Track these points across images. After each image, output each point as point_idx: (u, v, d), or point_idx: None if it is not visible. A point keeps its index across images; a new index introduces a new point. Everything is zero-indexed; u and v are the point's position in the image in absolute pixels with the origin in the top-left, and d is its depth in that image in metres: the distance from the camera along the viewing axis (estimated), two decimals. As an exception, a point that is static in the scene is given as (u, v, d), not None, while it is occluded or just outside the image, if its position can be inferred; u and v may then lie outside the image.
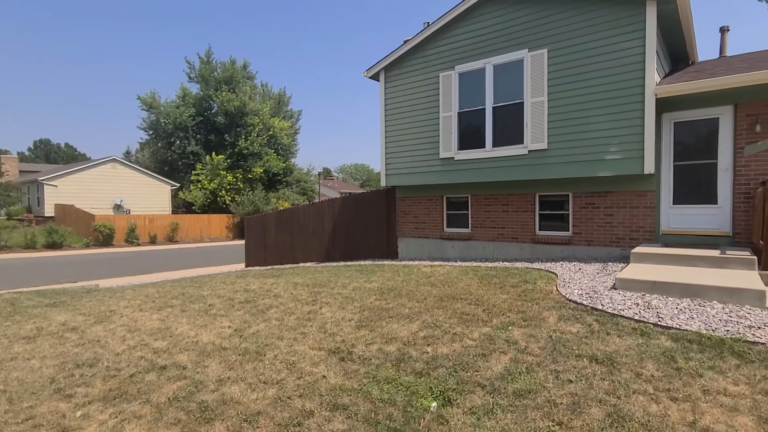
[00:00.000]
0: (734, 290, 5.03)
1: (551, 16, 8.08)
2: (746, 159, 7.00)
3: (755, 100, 6.88)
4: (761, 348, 3.73)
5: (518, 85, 8.47)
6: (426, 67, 9.81)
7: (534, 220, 9.05)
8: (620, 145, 7.42)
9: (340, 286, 7.37)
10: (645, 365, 3.62)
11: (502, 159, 8.73)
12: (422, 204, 10.72)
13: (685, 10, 7.26)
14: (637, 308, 4.98)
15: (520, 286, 6.31)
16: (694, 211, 7.58)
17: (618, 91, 7.41)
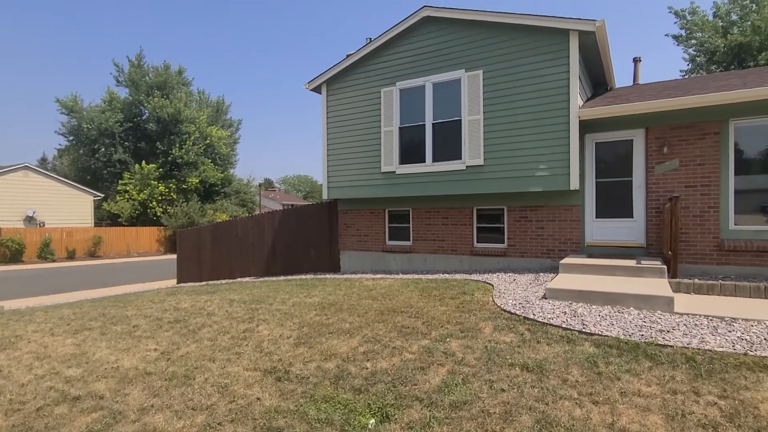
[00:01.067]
0: (648, 297, 5.49)
1: (486, 40, 8.52)
2: (656, 177, 7.73)
3: (662, 125, 7.65)
4: (670, 350, 4.08)
5: (456, 103, 8.82)
6: (368, 81, 9.94)
7: (472, 233, 9.38)
8: (549, 162, 7.92)
9: (279, 302, 7.15)
10: (571, 371, 3.83)
11: (441, 174, 8.99)
12: (364, 217, 10.74)
13: (603, 40, 7.96)
14: (565, 316, 5.28)
15: (458, 298, 6.46)
16: (613, 225, 8.22)
17: (546, 113, 7.94)
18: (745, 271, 6.96)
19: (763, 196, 7.21)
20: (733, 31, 20.08)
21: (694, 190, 7.40)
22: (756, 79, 7.88)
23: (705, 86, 8.10)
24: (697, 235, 7.35)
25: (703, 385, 3.42)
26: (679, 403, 3.21)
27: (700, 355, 3.94)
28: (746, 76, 8.77)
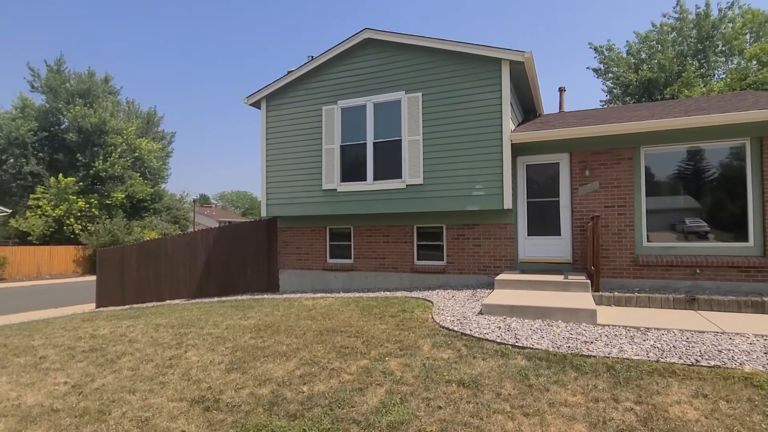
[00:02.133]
0: (574, 311, 5.82)
1: (425, 64, 8.85)
2: (580, 198, 8.32)
3: (584, 150, 8.30)
4: (593, 360, 4.33)
5: (397, 124, 9.01)
6: (309, 99, 9.91)
7: (413, 251, 9.51)
8: (484, 182, 8.28)
9: (211, 325, 6.75)
10: (504, 385, 3.93)
11: (382, 192, 9.08)
12: (305, 235, 10.55)
13: (531, 70, 8.56)
14: (500, 331, 5.45)
15: (398, 316, 6.47)
16: (544, 242, 8.70)
17: (481, 135, 8.33)
18: (656, 284, 7.63)
19: (671, 215, 8.00)
20: (643, 67, 22.49)
21: (612, 210, 8.04)
22: (662, 111, 8.83)
23: (620, 116, 8.92)
24: (616, 252, 7.97)
25: (622, 392, 3.65)
26: (600, 410, 3.40)
27: (619, 363, 4.21)
28: (654, 108, 9.80)
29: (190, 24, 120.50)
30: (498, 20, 76.48)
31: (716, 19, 21.95)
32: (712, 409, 3.29)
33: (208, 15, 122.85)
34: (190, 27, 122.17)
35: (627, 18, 41.04)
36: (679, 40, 22.68)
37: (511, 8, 71.53)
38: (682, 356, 4.34)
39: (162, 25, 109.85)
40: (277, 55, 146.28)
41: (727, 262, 7.27)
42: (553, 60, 48.40)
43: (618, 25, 43.84)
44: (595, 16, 43.39)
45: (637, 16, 40.87)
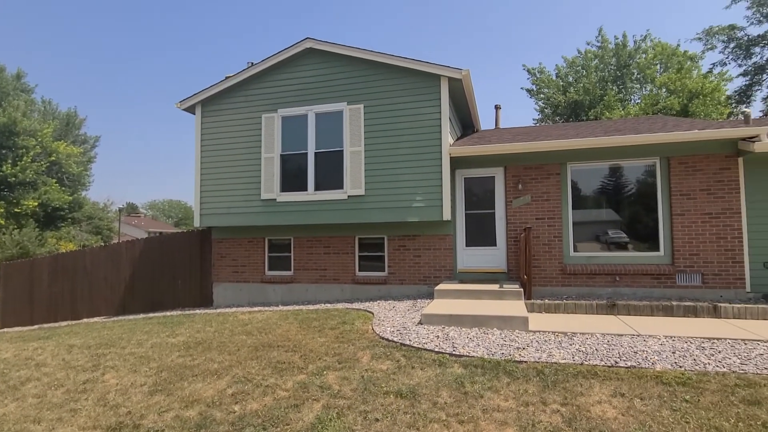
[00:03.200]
0: (508, 318, 6.05)
1: (367, 76, 8.93)
2: (514, 210, 8.73)
3: (517, 165, 8.74)
4: (524, 366, 4.51)
5: (339, 134, 8.99)
6: (248, 106, 9.62)
7: (354, 262, 9.45)
8: (424, 194, 8.45)
9: (134, 344, 6.25)
10: (441, 394, 3.97)
11: (323, 203, 8.98)
12: (242, 246, 10.14)
13: (469, 87, 8.93)
14: (438, 340, 5.52)
15: (338, 328, 6.37)
16: (481, 252, 9.00)
17: (422, 148, 8.52)
18: (582, 291, 8.14)
19: (595, 227, 8.61)
20: (570, 90, 24.29)
21: (542, 222, 8.51)
22: (585, 131, 9.54)
23: (549, 134, 9.52)
24: (546, 261, 8.42)
25: (550, 395, 3.81)
26: (530, 414, 3.52)
27: (548, 367, 4.41)
28: (579, 128, 10.57)
29: (120, 24, 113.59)
30: (439, 42, 79.95)
31: (632, 49, 24.30)
32: (628, 407, 3.52)
33: (143, 16, 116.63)
34: (121, 27, 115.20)
35: (557, 43, 44.63)
36: (601, 66, 24.81)
37: (452, 30, 75.04)
38: (604, 358, 4.64)
39: (91, 24, 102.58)
40: (213, 58, 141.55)
41: (643, 270, 7.92)
42: (491, 79, 51.51)
43: (549, 50, 47.52)
44: (530, 40, 46.67)
45: (566, 42, 44.52)
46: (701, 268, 7.71)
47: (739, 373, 4.06)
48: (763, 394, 3.61)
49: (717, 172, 7.76)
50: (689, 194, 7.85)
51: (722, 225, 7.67)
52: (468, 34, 50.82)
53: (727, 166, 7.72)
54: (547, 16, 45.94)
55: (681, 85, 20.70)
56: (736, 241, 7.60)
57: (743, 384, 3.81)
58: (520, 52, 44.29)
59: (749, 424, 3.18)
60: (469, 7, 47.78)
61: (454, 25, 50.68)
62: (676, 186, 7.91)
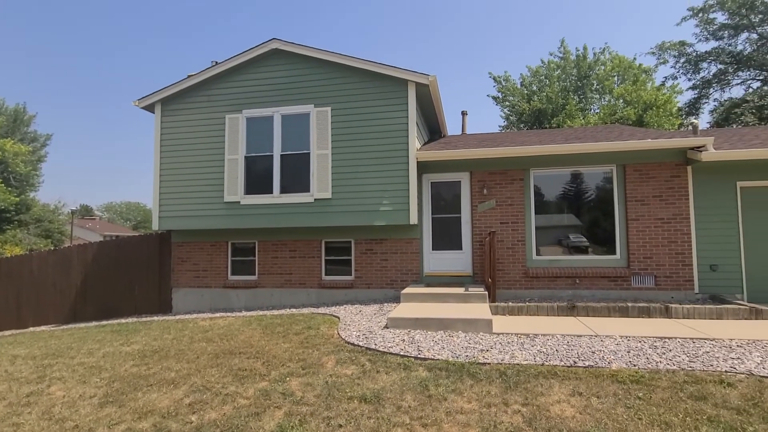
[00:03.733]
0: (472, 321, 6.12)
1: (335, 79, 8.89)
2: (479, 214, 8.88)
3: (482, 170, 8.90)
4: (488, 368, 4.56)
5: (305, 137, 8.88)
6: (211, 106, 9.37)
7: (321, 266, 9.34)
8: (391, 198, 8.47)
9: (84, 354, 5.92)
10: (405, 397, 3.96)
11: (289, 206, 8.83)
12: (204, 250, 9.82)
13: (436, 93, 9.03)
14: (404, 344, 5.52)
15: (303, 333, 6.27)
16: (447, 256, 9.08)
17: (389, 152, 8.54)
18: (544, 293, 8.36)
19: (557, 231, 8.87)
20: (534, 98, 25.05)
21: (507, 226, 8.69)
22: (547, 138, 9.83)
23: (513, 141, 9.77)
24: (510, 264, 8.60)
25: (512, 396, 3.87)
26: (492, 415, 3.56)
27: (510, 369, 4.48)
28: (541, 135, 10.90)
29: (77, 21, 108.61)
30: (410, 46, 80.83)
31: (592, 61, 25.36)
32: (586, 406, 3.62)
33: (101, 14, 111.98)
34: (78, 24, 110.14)
35: (522, 52, 46.08)
36: (563, 76, 25.75)
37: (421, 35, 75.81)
38: (563, 359, 4.76)
39: (45, 21, 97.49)
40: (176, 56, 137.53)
41: (601, 273, 8.22)
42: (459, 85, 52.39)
43: (515, 58, 48.95)
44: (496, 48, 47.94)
45: (530, 52, 46.06)
46: (654, 270, 8.07)
47: (688, 371, 4.26)
48: (708, 390, 3.79)
49: (668, 179, 8.16)
50: (643, 200, 8.22)
51: (673, 230, 8.07)
52: (436, 41, 51.77)
53: (677, 173, 8.14)
54: (513, 27, 47.53)
55: (636, 97, 21.76)
56: (685, 245, 8.01)
57: (691, 381, 4.00)
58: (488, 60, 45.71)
59: (696, 418, 3.33)
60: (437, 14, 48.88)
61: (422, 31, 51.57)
62: (631, 192, 8.27)
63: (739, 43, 19.29)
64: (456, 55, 52.28)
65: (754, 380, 3.98)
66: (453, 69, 72.44)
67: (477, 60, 46.06)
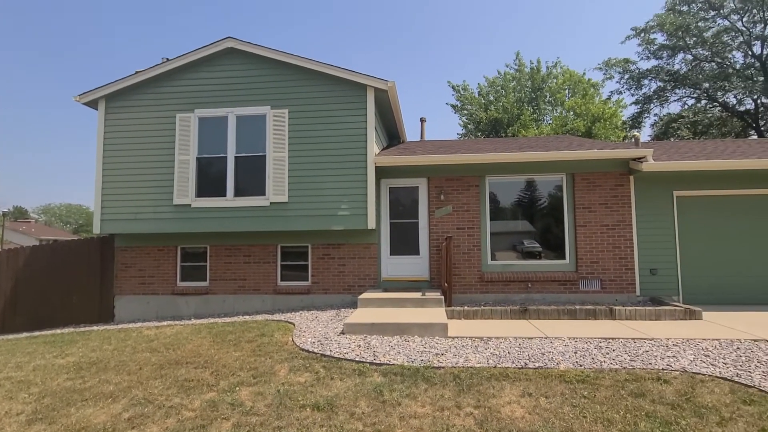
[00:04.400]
0: (428, 325, 6.15)
1: (293, 81, 8.75)
2: (436, 220, 8.98)
3: (440, 176, 9.02)
4: (442, 371, 4.59)
5: (261, 139, 8.67)
6: (161, 104, 8.96)
7: (276, 271, 9.11)
8: (349, 203, 8.41)
9: (12, 368, 5.45)
10: (359, 403, 3.90)
11: (244, 209, 8.57)
12: (150, 255, 9.33)
13: (395, 99, 9.09)
14: (359, 350, 5.46)
15: (256, 341, 6.08)
16: (405, 261, 9.12)
17: (347, 156, 8.49)
18: (499, 297, 8.56)
19: (510, 237, 9.12)
20: (491, 108, 25.83)
21: (463, 232, 8.84)
22: (502, 146, 10.14)
23: (469, 148, 9.98)
24: (466, 269, 8.75)
25: (464, 399, 3.90)
26: (445, 418, 3.57)
27: (464, 372, 4.53)
28: (496, 143, 11.22)
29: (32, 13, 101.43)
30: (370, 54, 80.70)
31: (545, 74, 26.51)
32: (535, 406, 3.70)
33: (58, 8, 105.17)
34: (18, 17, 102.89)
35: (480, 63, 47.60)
36: (518, 88, 26.73)
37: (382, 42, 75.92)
38: (515, 361, 4.87)
39: None
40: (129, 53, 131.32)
41: (551, 277, 8.52)
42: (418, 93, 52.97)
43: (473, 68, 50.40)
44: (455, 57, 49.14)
45: (488, 62, 47.70)
46: (600, 274, 8.47)
47: (629, 369, 4.47)
48: (647, 387, 3.99)
49: (613, 188, 8.61)
50: (590, 207, 8.62)
51: (617, 236, 8.51)
52: (397, 48, 52.26)
53: (621, 183, 8.60)
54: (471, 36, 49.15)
55: (585, 110, 22.93)
56: (628, 250, 8.46)
57: (631, 378, 4.20)
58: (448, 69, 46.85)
59: (635, 414, 3.49)
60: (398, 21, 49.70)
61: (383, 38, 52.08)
62: (579, 200, 8.65)
63: (676, 63, 20.83)
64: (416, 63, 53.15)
65: (687, 377, 4.23)
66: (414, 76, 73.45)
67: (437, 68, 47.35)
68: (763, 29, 18.06)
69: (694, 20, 19.22)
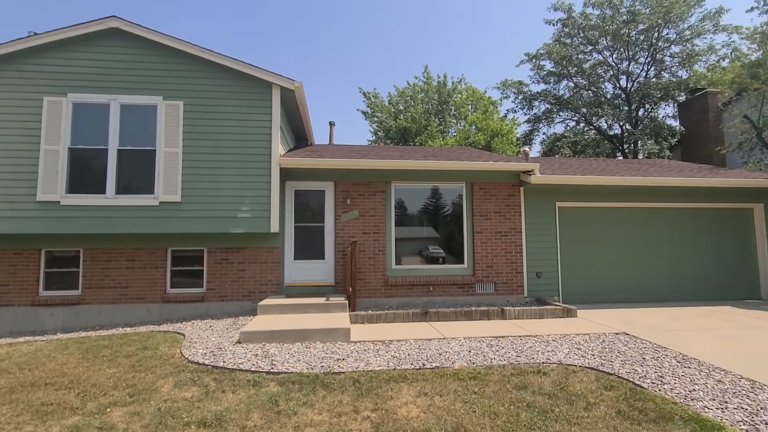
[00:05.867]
0: (331, 330, 6.05)
1: (191, 72, 8.10)
2: (342, 224, 8.92)
3: (347, 180, 8.99)
4: (342, 377, 4.51)
5: (151, 131, 7.85)
6: (24, 84, 7.67)
7: (165, 278, 8.29)
8: (251, 204, 7.98)
9: None
10: (251, 416, 3.65)
11: (128, 209, 7.67)
12: (4, 259, 7.89)
13: (302, 100, 8.89)
14: (256, 359, 5.17)
15: (136, 355, 5.46)
16: (309, 266, 8.89)
17: (250, 156, 8.06)
18: (402, 301, 8.74)
19: (415, 242, 9.38)
20: (400, 117, 26.62)
21: (369, 236, 8.89)
22: (408, 154, 10.44)
23: (377, 154, 10.12)
24: (371, 274, 8.80)
25: (362, 403, 3.86)
26: (342, 424, 3.49)
27: (364, 376, 4.50)
28: (403, 151, 11.53)
29: None
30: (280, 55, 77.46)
31: (450, 89, 28.09)
32: (429, 405, 3.79)
33: None
34: None
35: (396, 73, 49.19)
36: (426, 99, 27.95)
37: (292, 43, 73.76)
38: (414, 362, 4.97)
39: None
40: None
41: (451, 281, 8.93)
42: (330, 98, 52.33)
43: (389, 78, 51.88)
44: (367, 64, 50.09)
45: (398, 72, 49.39)
46: (494, 278, 9.08)
47: (515, 364, 4.81)
48: (529, 380, 4.32)
49: (506, 197, 9.31)
50: (486, 215, 9.22)
51: (509, 242, 9.21)
52: (310, 53, 51.16)
53: (513, 193, 9.34)
54: (383, 47, 50.55)
55: (486, 125, 24.72)
56: (518, 256, 9.20)
57: (516, 373, 4.51)
58: (360, 76, 47.35)
59: (518, 405, 3.73)
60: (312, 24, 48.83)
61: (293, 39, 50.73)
62: (477, 208, 9.22)
63: (561, 89, 23.39)
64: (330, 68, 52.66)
65: (562, 368, 4.67)
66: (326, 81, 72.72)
67: (351, 75, 47.37)
68: (628, 66, 21.11)
69: (576, 52, 21.80)
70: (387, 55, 51.39)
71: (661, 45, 20.38)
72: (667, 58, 20.76)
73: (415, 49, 50.53)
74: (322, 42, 51.95)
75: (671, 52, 20.57)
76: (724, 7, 18.71)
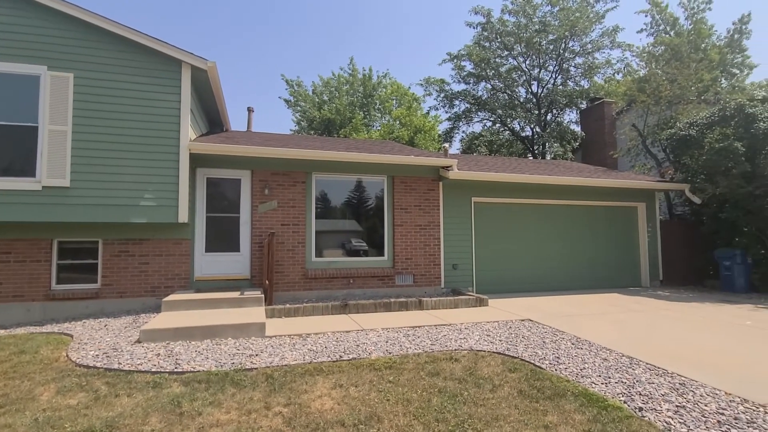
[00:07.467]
0: (244, 326, 5.76)
1: (85, 42, 7.19)
2: (260, 215, 8.54)
3: (265, 170, 8.62)
4: (254, 373, 4.30)
5: (33, 105, 6.84)
6: None
7: (50, 272, 7.31)
8: (155, 192, 7.31)
9: None
10: (149, 420, 3.34)
11: (1, 193, 6.63)
12: None
13: (216, 81, 8.31)
14: (158, 359, 4.77)
15: (10, 361, 4.77)
16: (223, 258, 8.41)
17: (154, 139, 7.37)
18: (322, 294, 8.60)
19: (339, 235, 9.28)
20: (324, 108, 26.19)
21: (288, 228, 8.62)
22: (330, 145, 10.27)
23: (298, 143, 9.82)
24: (290, 266, 8.55)
25: (275, 398, 3.71)
26: (252, 422, 3.31)
27: (278, 371, 4.34)
28: (325, 141, 11.34)
29: None
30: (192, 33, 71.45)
31: (376, 83, 28.22)
32: (344, 396, 3.75)
33: None
34: None
35: (317, 61, 47.98)
36: (351, 92, 27.80)
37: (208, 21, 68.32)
38: (331, 354, 4.90)
39: None
40: None
41: (372, 273, 8.98)
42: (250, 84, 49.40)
43: (308, 66, 50.37)
44: (288, 51, 48.23)
45: (323, 63, 48.36)
46: (413, 270, 9.30)
47: (429, 353, 4.95)
48: (441, 367, 4.46)
49: (426, 192, 9.56)
50: (407, 208, 9.39)
51: (428, 235, 9.48)
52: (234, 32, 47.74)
53: (432, 187, 9.61)
54: (309, 36, 49.21)
55: (409, 121, 25.21)
56: (436, 248, 9.50)
57: (430, 360, 4.64)
58: (284, 62, 45.21)
59: (430, 392, 3.83)
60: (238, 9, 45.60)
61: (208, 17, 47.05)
62: (398, 201, 9.35)
63: (480, 90, 24.60)
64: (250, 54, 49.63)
65: (473, 354, 4.90)
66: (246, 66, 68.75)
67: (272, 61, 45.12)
68: (539, 72, 22.80)
69: (494, 56, 23.03)
70: (313, 44, 50.26)
71: (567, 56, 22.30)
72: (572, 68, 22.79)
73: (342, 42, 50.05)
74: (244, 22, 49.39)
75: (576, 62, 22.61)
76: (619, 25, 20.93)
